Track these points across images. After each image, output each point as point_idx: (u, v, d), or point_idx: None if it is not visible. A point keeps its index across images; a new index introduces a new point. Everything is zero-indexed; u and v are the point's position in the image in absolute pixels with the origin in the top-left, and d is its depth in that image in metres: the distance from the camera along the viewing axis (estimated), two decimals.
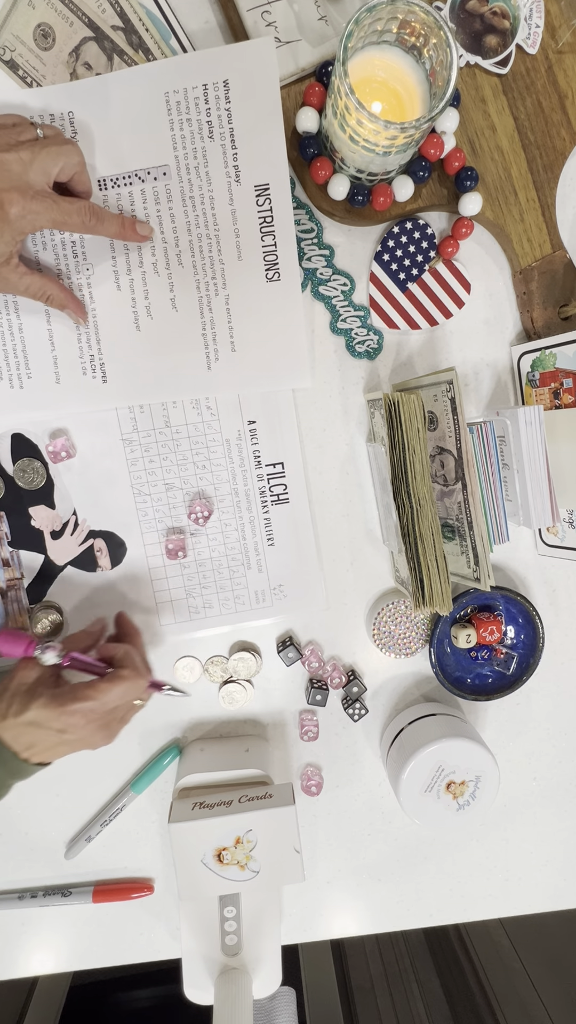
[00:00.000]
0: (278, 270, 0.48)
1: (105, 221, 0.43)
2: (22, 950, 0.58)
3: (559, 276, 0.50)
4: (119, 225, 0.44)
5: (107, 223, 0.43)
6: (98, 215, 0.42)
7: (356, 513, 0.54)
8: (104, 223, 0.43)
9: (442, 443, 0.47)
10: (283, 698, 0.56)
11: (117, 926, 0.58)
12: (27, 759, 0.41)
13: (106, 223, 0.43)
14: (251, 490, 0.52)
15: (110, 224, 0.43)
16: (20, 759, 0.41)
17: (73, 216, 0.41)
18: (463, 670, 0.56)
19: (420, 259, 0.51)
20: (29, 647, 0.42)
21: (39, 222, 0.40)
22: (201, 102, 0.45)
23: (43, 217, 0.40)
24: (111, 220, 0.43)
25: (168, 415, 0.51)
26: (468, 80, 0.48)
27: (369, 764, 0.58)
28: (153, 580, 0.52)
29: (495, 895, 0.61)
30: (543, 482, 0.47)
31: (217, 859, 0.47)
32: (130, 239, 0.45)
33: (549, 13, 0.48)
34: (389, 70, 0.42)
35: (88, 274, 0.47)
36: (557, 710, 0.59)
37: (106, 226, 0.43)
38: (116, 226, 0.44)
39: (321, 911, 0.60)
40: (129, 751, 0.55)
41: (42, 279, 0.43)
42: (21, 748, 0.41)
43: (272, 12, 0.45)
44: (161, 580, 0.52)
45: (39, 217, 0.39)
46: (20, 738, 0.40)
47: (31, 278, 0.43)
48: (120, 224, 0.44)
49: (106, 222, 0.43)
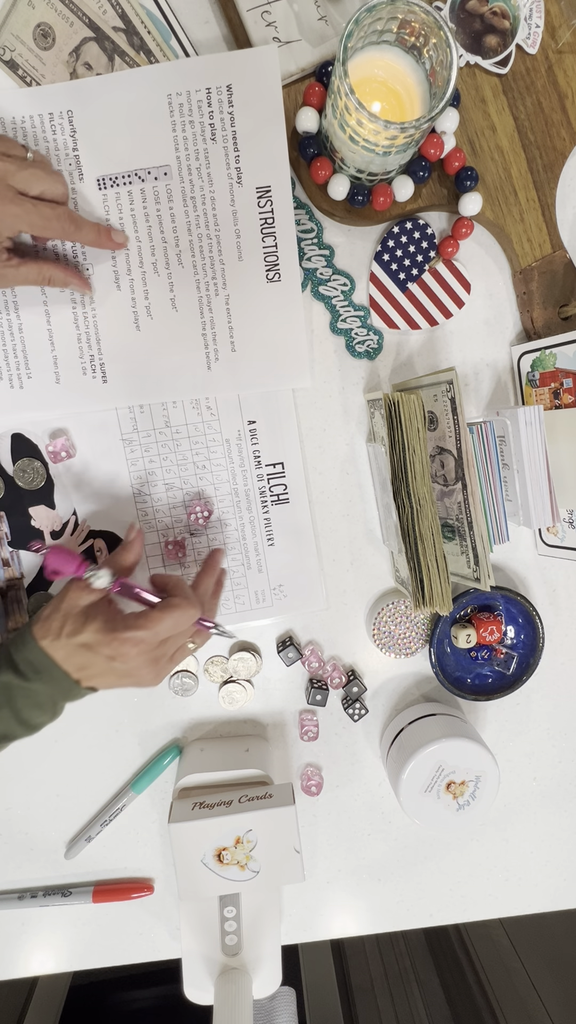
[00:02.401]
0: (279, 271, 0.48)
1: (83, 228, 0.43)
2: (22, 950, 0.58)
3: (559, 276, 0.50)
4: (95, 232, 0.44)
5: (84, 230, 0.43)
6: (76, 222, 0.43)
7: (356, 513, 0.54)
8: (82, 230, 0.43)
9: (442, 443, 0.47)
10: (283, 698, 0.56)
11: (117, 926, 0.58)
12: (78, 680, 0.41)
13: (83, 230, 0.43)
14: (251, 490, 0.52)
15: (87, 231, 0.44)
16: (72, 679, 0.41)
17: (52, 221, 0.41)
18: (463, 670, 0.56)
19: (420, 259, 0.51)
20: (80, 567, 0.42)
21: (17, 225, 0.40)
22: (204, 105, 0.46)
23: (21, 221, 0.40)
24: (88, 227, 0.44)
25: (168, 415, 0.51)
26: (468, 80, 0.48)
27: (369, 764, 0.58)
28: None
29: (495, 895, 0.61)
30: (543, 482, 0.47)
31: (217, 859, 0.47)
32: (106, 247, 0.46)
33: (549, 13, 0.48)
34: (389, 70, 0.42)
35: (88, 274, 0.47)
36: (557, 710, 0.59)
37: (83, 233, 0.43)
38: (93, 233, 0.44)
39: (321, 911, 0.60)
40: (129, 751, 0.55)
41: (37, 264, 0.43)
42: (73, 669, 0.41)
43: (272, 12, 0.45)
44: None
45: (17, 220, 0.40)
46: (72, 659, 0.40)
47: (26, 267, 0.43)
48: (96, 231, 0.44)
49: (84, 229, 0.43)
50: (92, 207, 0.47)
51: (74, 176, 0.46)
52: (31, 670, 0.40)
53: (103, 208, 0.47)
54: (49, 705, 0.42)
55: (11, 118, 0.45)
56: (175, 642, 0.43)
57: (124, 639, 0.40)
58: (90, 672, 0.41)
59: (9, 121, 0.45)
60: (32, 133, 0.45)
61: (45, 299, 0.48)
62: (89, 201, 0.47)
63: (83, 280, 0.46)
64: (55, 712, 0.43)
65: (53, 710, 0.42)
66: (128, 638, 0.40)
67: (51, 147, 0.46)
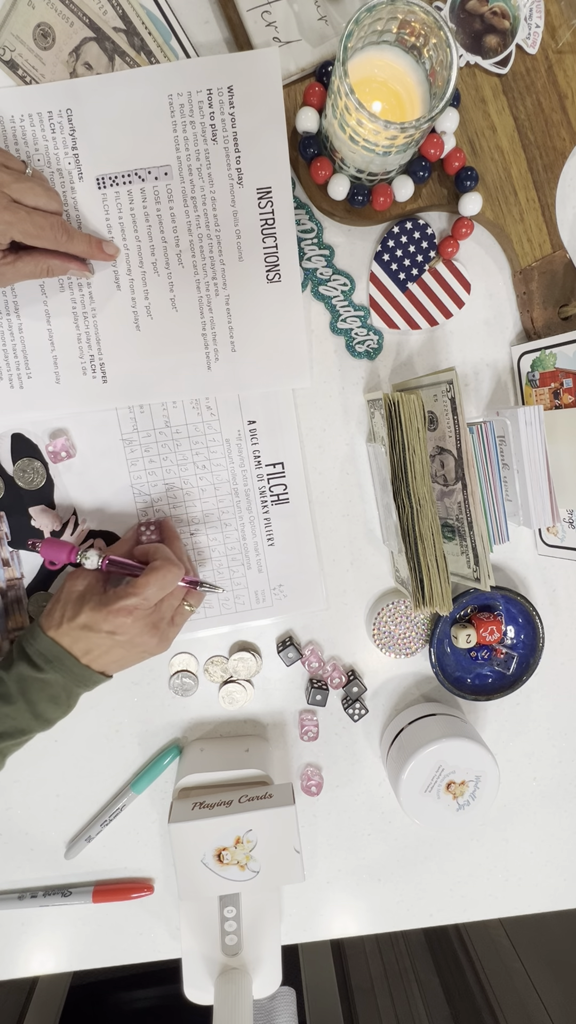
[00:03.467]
0: (279, 271, 0.48)
1: (75, 239, 0.44)
2: (22, 950, 0.58)
3: (559, 276, 0.50)
4: (87, 243, 0.45)
5: (76, 240, 0.44)
6: (69, 232, 0.43)
7: (356, 513, 0.54)
8: (74, 240, 0.44)
9: (442, 443, 0.47)
10: (283, 698, 0.56)
11: (117, 926, 0.58)
12: (88, 664, 0.43)
13: (75, 240, 0.44)
14: (251, 490, 0.52)
15: (79, 242, 0.44)
16: (82, 664, 0.43)
17: (46, 230, 0.41)
18: (463, 670, 0.56)
19: (420, 259, 0.51)
20: (72, 553, 0.46)
21: (10, 232, 0.40)
22: (205, 106, 0.46)
23: (14, 228, 0.40)
24: (80, 238, 0.44)
25: (168, 415, 0.51)
26: (468, 80, 0.48)
27: (369, 764, 0.58)
28: None
29: (495, 895, 0.61)
30: (543, 482, 0.47)
31: (217, 859, 0.47)
32: (97, 258, 0.46)
33: (549, 13, 0.48)
34: (389, 70, 0.42)
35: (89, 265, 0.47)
36: (557, 710, 0.59)
37: (75, 243, 0.44)
38: (84, 244, 0.45)
39: (321, 911, 0.60)
40: (129, 751, 0.55)
41: (34, 257, 0.43)
42: (80, 653, 0.43)
43: (272, 12, 0.45)
44: None
45: (10, 228, 0.40)
46: (77, 643, 0.43)
47: (23, 261, 0.43)
48: (88, 242, 0.45)
49: (76, 239, 0.44)
50: (91, 206, 0.47)
51: (73, 175, 0.46)
52: (43, 660, 0.42)
53: (102, 207, 0.47)
54: (64, 697, 0.44)
55: (10, 116, 0.45)
56: (169, 604, 0.45)
57: (117, 609, 0.42)
58: (96, 654, 0.43)
59: (7, 120, 0.45)
60: (31, 132, 0.45)
61: (45, 299, 0.48)
62: (88, 200, 0.47)
63: (82, 264, 0.46)
64: (69, 705, 0.45)
65: (68, 702, 0.44)
66: (120, 607, 0.42)
67: (50, 146, 0.46)
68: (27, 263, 0.43)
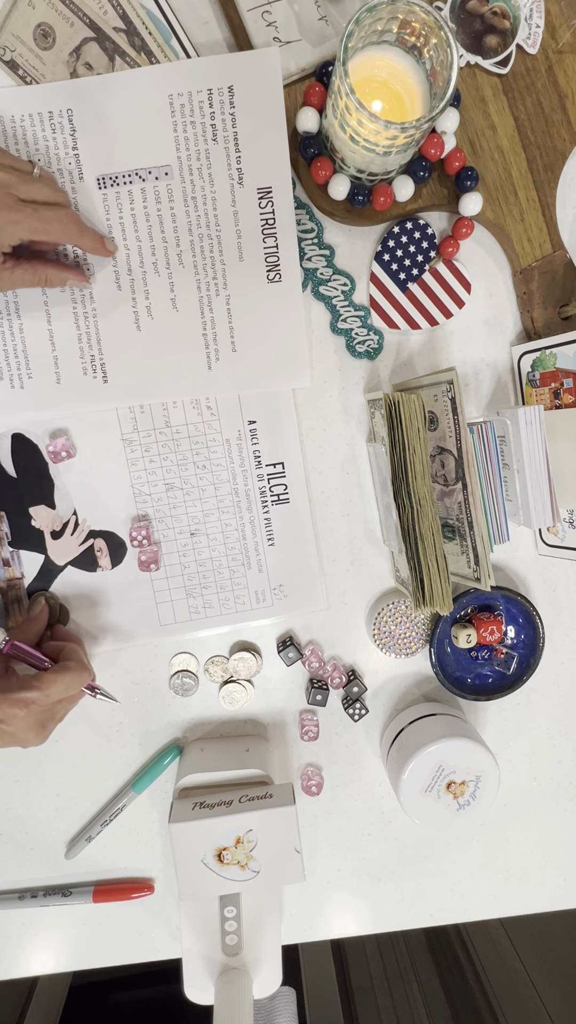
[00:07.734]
0: (279, 271, 0.48)
1: (85, 234, 0.43)
2: (22, 950, 0.58)
3: (559, 276, 0.50)
4: (94, 239, 0.44)
5: (86, 236, 0.43)
6: (79, 225, 0.43)
7: (356, 513, 0.54)
8: (84, 235, 0.43)
9: (442, 443, 0.47)
10: (283, 698, 0.56)
11: (117, 926, 0.58)
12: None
13: (85, 236, 0.43)
14: (251, 490, 0.52)
15: (88, 238, 0.44)
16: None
17: (55, 224, 0.41)
18: (463, 670, 0.56)
19: (420, 259, 0.51)
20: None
21: (18, 232, 0.40)
22: (206, 106, 0.46)
23: (22, 227, 0.40)
24: (89, 234, 0.44)
25: (168, 415, 0.51)
26: (468, 80, 0.48)
27: (369, 764, 0.58)
28: (153, 580, 0.52)
29: (495, 895, 0.61)
30: (543, 482, 0.47)
31: (217, 859, 0.47)
32: (100, 254, 0.46)
33: (549, 13, 0.48)
34: (389, 70, 0.42)
35: (88, 274, 0.47)
36: (557, 710, 0.59)
37: (84, 239, 0.43)
38: (92, 239, 0.44)
39: (321, 911, 0.60)
40: (129, 751, 0.55)
41: (32, 266, 0.43)
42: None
43: (272, 12, 0.45)
44: (161, 580, 0.52)
45: (17, 227, 0.39)
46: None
47: (21, 270, 0.43)
48: (93, 238, 0.44)
49: (85, 235, 0.43)
50: (92, 206, 0.47)
51: (74, 175, 0.46)
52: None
53: (103, 207, 0.47)
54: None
55: (10, 117, 0.45)
56: (64, 707, 0.44)
57: (16, 699, 0.40)
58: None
59: (8, 120, 0.45)
60: (32, 132, 0.45)
61: (46, 299, 0.48)
62: (89, 200, 0.47)
63: (80, 273, 0.46)
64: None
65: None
66: (19, 698, 0.41)
67: (50, 146, 0.46)
68: (25, 271, 0.43)
